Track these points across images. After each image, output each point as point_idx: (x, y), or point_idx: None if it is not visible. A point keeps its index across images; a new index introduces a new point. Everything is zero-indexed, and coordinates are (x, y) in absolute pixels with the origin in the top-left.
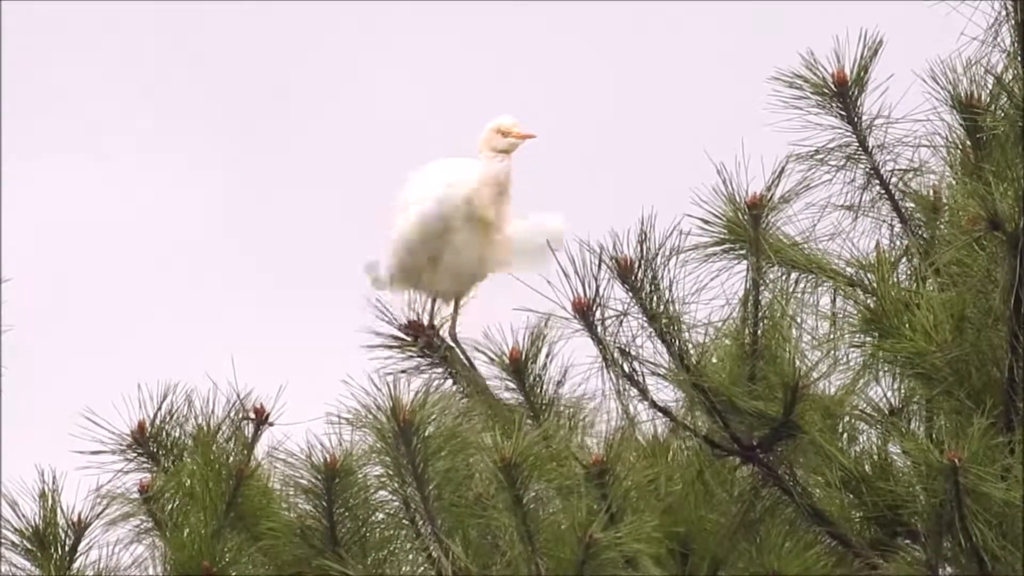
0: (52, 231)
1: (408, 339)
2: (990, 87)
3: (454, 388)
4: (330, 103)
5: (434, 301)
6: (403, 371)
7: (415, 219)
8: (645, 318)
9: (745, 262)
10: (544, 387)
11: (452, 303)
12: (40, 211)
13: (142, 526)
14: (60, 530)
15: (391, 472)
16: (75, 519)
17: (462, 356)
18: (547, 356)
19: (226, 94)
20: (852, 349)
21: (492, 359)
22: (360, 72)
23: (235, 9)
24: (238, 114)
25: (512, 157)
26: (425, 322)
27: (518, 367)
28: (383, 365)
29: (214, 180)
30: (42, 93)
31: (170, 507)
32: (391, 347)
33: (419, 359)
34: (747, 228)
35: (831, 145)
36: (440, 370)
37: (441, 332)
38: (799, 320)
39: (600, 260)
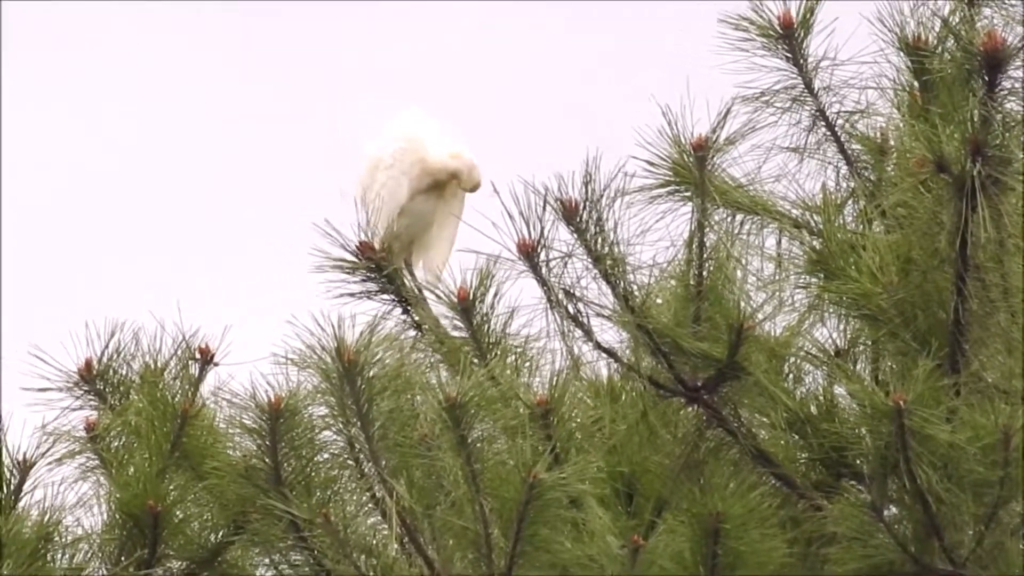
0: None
1: (357, 261)
2: (937, 29)
3: (402, 316)
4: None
5: (385, 234)
6: (351, 295)
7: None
8: (590, 259)
9: (690, 204)
10: (491, 326)
11: (408, 242)
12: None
13: (87, 464)
14: (5, 469)
15: (335, 412)
16: (20, 458)
17: (411, 284)
18: (495, 296)
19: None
20: (798, 290)
21: (440, 297)
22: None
23: None
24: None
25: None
26: (376, 245)
27: (466, 306)
28: (331, 288)
29: (183, 105)
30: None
31: (116, 445)
32: (341, 269)
33: (367, 283)
34: (692, 170)
35: (777, 87)
36: (388, 296)
37: (392, 259)
38: (744, 261)
39: (545, 202)
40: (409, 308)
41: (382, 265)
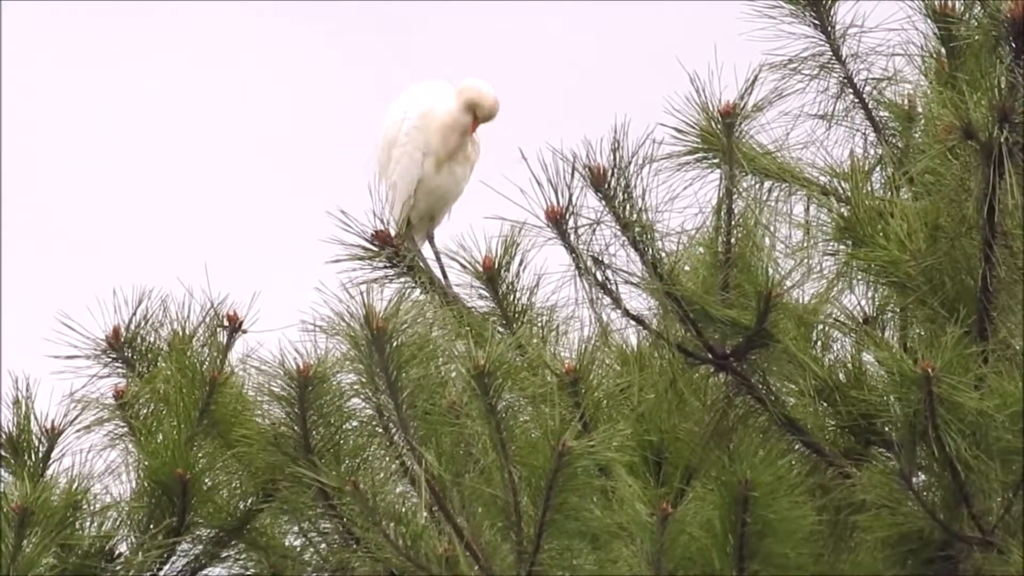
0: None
1: (375, 249)
2: None
3: (423, 297)
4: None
5: (403, 211)
6: (373, 280)
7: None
8: (618, 226)
9: (718, 171)
10: (517, 295)
11: (427, 216)
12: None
13: (116, 432)
14: (34, 437)
15: (364, 380)
16: (48, 426)
17: (436, 264)
18: (520, 264)
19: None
20: (826, 257)
21: (465, 267)
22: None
23: None
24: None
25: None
26: (392, 232)
27: (491, 275)
28: (350, 277)
29: (213, 73)
30: None
31: (144, 413)
32: (359, 258)
33: (387, 270)
34: (720, 137)
35: (805, 54)
36: (408, 280)
37: (415, 239)
38: (772, 228)
39: (573, 168)
40: (429, 289)
41: (400, 253)
